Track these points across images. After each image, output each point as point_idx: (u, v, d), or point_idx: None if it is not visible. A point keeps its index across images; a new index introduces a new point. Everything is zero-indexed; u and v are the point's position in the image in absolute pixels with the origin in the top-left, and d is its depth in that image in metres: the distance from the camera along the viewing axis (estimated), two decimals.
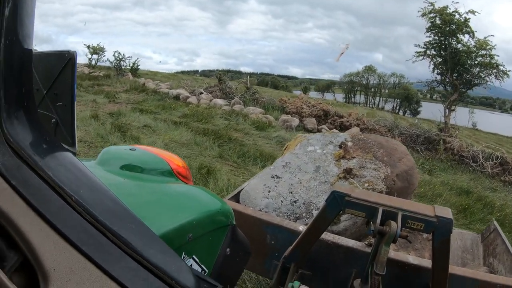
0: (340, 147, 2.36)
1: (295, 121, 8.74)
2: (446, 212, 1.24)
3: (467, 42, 8.66)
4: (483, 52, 8.46)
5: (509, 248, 1.95)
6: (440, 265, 1.32)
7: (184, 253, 0.85)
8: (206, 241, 0.93)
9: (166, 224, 0.80)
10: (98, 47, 18.10)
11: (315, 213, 1.85)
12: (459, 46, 8.77)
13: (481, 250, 2.28)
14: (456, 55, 8.73)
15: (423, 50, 9.41)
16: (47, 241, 0.43)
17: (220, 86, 11.54)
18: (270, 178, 2.22)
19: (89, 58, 18.23)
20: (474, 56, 8.60)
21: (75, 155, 0.98)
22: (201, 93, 11.06)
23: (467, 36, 8.61)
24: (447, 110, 8.87)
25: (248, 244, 1.10)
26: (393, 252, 1.56)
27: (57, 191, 0.49)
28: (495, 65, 8.40)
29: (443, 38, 8.91)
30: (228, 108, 9.49)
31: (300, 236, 1.46)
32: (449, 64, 8.82)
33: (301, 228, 1.66)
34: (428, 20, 8.94)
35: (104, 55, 18.12)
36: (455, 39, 8.76)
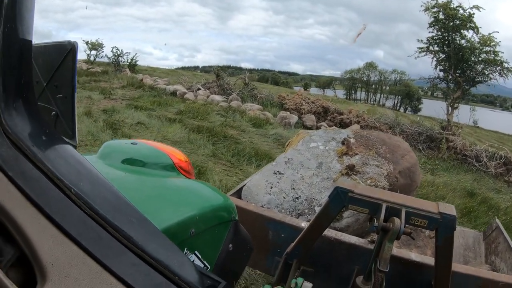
0: (343, 144, 2.35)
1: (294, 118, 8.54)
2: (450, 209, 1.22)
3: (471, 38, 8.45)
4: (488, 49, 8.25)
5: None
6: (443, 263, 1.31)
7: (186, 249, 0.83)
8: (209, 237, 0.92)
9: (168, 219, 0.79)
10: (97, 43, 17.90)
11: (318, 210, 1.84)
12: (463, 42, 8.54)
13: (483, 248, 2.27)
14: (460, 51, 8.50)
15: (426, 46, 9.16)
16: (45, 235, 0.42)
17: (218, 82, 11.33)
18: (273, 174, 2.20)
19: (88, 54, 18.06)
20: (478, 53, 8.36)
21: (76, 148, 0.97)
22: (199, 89, 10.91)
23: (471, 32, 8.41)
24: (450, 108, 8.69)
25: (251, 240, 1.08)
26: (396, 249, 1.55)
27: (56, 184, 0.47)
28: (500, 62, 8.22)
29: (447, 34, 8.67)
30: (226, 105, 9.25)
31: (303, 233, 1.45)
32: (453, 61, 8.61)
33: (304, 225, 1.65)
34: (431, 15, 8.67)
35: (103, 51, 17.93)
36: (459, 35, 8.52)
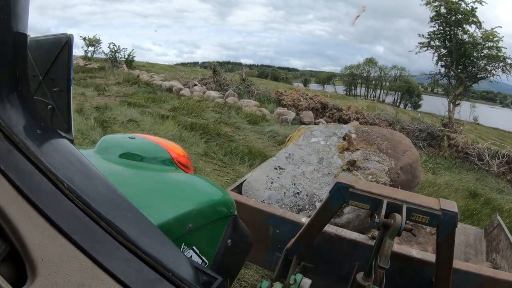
0: (344, 139, 2.33)
1: (291, 115, 8.38)
2: (451, 206, 1.21)
3: (474, 33, 8.28)
4: (490, 44, 8.10)
5: None
6: (444, 260, 1.30)
7: (184, 244, 0.82)
8: (207, 232, 0.90)
9: (165, 214, 0.78)
10: (94, 39, 17.80)
11: (318, 205, 1.82)
12: (465, 37, 8.37)
13: (484, 246, 2.27)
14: (462, 47, 8.35)
15: (427, 41, 9.00)
16: (36, 230, 0.40)
17: (215, 78, 11.17)
18: (273, 170, 2.19)
19: (85, 50, 17.95)
20: (481, 48, 8.20)
21: (72, 142, 0.95)
22: (195, 85, 10.79)
23: (474, 27, 8.25)
24: (452, 105, 8.55)
25: (250, 235, 1.07)
26: (396, 246, 1.54)
27: (49, 177, 0.46)
28: (503, 58, 8.09)
29: (448, 28, 8.51)
30: (222, 101, 9.09)
31: (303, 228, 1.44)
32: (454, 56, 8.48)
33: (304, 220, 1.64)
34: (433, 9, 8.51)
35: (100, 47, 17.85)
36: (461, 30, 8.35)
